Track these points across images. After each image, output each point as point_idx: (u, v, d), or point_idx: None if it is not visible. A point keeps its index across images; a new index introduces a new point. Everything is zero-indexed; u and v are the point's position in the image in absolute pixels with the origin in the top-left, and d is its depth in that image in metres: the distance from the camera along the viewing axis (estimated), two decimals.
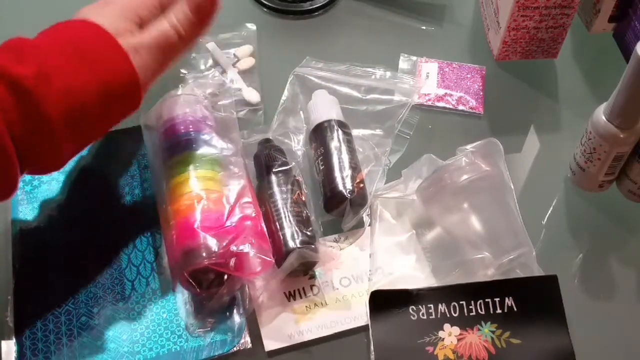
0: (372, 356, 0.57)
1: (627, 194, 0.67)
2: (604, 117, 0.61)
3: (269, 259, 0.58)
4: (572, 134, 0.69)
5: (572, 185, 0.68)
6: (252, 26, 0.77)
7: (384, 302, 0.58)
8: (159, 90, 0.66)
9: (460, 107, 0.74)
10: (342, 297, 0.61)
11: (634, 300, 0.64)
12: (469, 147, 0.64)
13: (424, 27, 0.81)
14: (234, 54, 0.75)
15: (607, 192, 0.68)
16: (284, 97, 0.72)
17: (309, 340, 0.59)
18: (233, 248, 0.57)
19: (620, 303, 0.63)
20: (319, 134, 0.67)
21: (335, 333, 0.60)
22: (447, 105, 0.74)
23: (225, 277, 0.58)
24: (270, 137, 0.68)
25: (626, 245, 0.67)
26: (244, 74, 0.74)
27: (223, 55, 0.75)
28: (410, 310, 0.58)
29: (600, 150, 0.62)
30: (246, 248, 0.57)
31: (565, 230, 0.67)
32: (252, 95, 0.72)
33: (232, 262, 0.57)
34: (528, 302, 0.59)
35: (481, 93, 0.75)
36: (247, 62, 0.75)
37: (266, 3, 0.81)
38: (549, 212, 0.68)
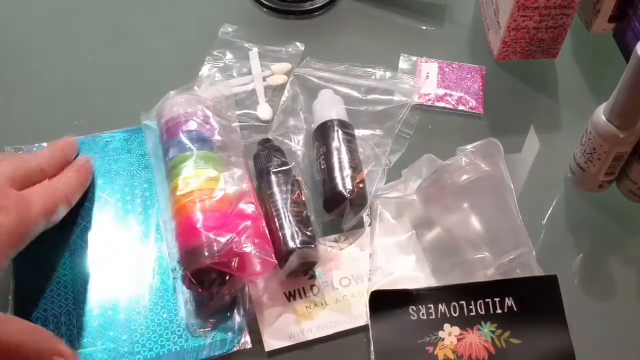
0: (372, 356, 0.57)
1: (627, 194, 0.67)
2: (604, 117, 0.61)
3: (271, 259, 0.58)
4: (572, 134, 0.69)
5: (572, 185, 0.68)
6: (301, 45, 0.77)
7: (384, 302, 0.58)
8: (162, 87, 0.67)
9: (460, 107, 0.74)
10: (342, 297, 0.61)
11: (634, 300, 0.63)
12: (469, 147, 0.64)
13: (424, 27, 0.81)
14: (270, 68, 0.75)
15: (607, 192, 0.67)
16: (284, 97, 0.72)
17: (309, 340, 0.59)
18: (236, 248, 0.57)
19: (620, 303, 0.63)
20: (321, 133, 0.67)
21: (335, 333, 0.60)
22: (447, 105, 0.74)
23: (227, 277, 0.58)
24: (270, 137, 0.68)
25: (626, 245, 0.67)
26: (271, 89, 0.74)
27: (258, 66, 0.75)
28: (410, 310, 0.58)
29: (600, 150, 0.62)
30: (249, 248, 0.57)
31: (565, 230, 0.67)
32: (265, 111, 0.72)
33: (235, 262, 0.57)
34: (528, 302, 0.58)
35: (481, 93, 0.75)
36: (278, 79, 0.74)
37: (266, 3, 0.81)
38: (549, 212, 0.68)
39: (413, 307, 0.58)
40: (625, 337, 0.62)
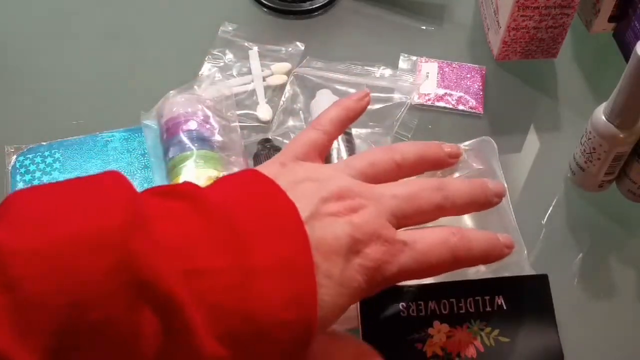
0: None
1: (627, 193, 0.66)
2: (603, 117, 0.61)
3: None
4: (572, 134, 0.68)
5: (572, 185, 0.68)
6: (301, 45, 0.77)
7: (374, 298, 0.58)
8: (162, 87, 0.67)
9: (460, 107, 0.73)
10: None
11: (634, 300, 0.63)
12: (462, 145, 0.64)
13: (424, 27, 0.81)
14: (270, 68, 0.75)
15: (607, 192, 0.67)
16: (284, 97, 0.73)
17: None
18: None
19: (620, 303, 0.63)
20: None
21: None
22: (447, 105, 0.74)
23: None
24: (270, 137, 0.69)
25: (626, 245, 0.67)
26: (271, 89, 0.74)
27: (258, 65, 0.75)
28: (400, 307, 0.58)
29: (600, 150, 0.62)
30: None
31: (565, 230, 0.67)
32: (265, 112, 0.72)
33: None
34: (518, 301, 0.58)
35: (481, 93, 0.74)
36: (278, 79, 0.74)
37: (266, 3, 0.81)
38: (549, 211, 0.68)
39: (403, 303, 0.58)
40: (625, 337, 0.61)
